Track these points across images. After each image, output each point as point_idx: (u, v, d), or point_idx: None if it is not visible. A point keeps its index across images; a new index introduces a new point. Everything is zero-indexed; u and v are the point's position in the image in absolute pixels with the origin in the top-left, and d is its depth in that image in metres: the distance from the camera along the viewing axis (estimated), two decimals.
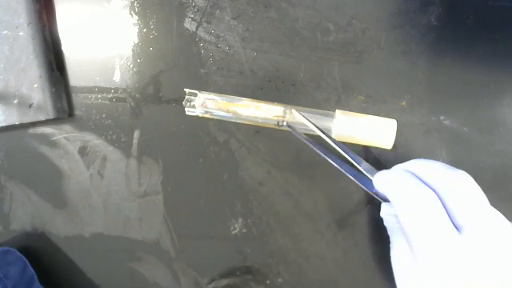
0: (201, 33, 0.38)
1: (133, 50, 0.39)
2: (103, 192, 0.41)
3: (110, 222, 0.42)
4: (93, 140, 0.41)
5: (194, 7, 0.38)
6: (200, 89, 0.37)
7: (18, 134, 0.41)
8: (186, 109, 0.37)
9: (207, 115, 0.37)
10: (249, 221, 0.39)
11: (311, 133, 0.35)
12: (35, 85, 0.38)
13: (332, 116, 0.35)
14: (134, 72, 0.40)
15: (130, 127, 0.40)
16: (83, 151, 0.41)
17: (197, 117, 0.38)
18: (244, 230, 0.40)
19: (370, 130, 0.34)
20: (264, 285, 0.40)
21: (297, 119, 0.35)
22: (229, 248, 0.40)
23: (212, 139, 0.39)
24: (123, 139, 0.40)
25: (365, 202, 0.37)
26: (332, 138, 0.33)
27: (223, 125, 0.39)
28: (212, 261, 0.41)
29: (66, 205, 0.42)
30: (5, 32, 0.38)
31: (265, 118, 0.36)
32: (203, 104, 0.36)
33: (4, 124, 0.39)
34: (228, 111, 0.36)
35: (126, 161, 0.40)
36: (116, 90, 0.40)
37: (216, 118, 0.38)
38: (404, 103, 0.36)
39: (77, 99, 0.41)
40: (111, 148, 0.41)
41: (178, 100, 0.38)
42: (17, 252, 0.40)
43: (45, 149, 0.41)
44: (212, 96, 0.36)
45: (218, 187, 0.39)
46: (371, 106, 0.36)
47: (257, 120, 0.36)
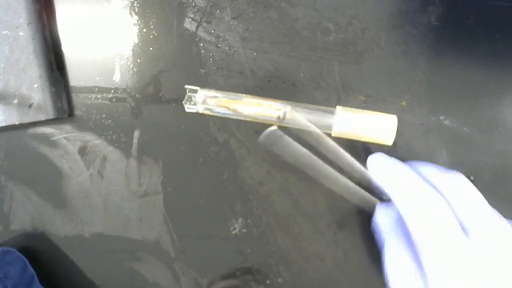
0: (201, 33, 0.38)
1: (133, 50, 0.39)
2: (103, 192, 0.41)
3: (110, 222, 0.42)
4: (93, 140, 0.41)
5: (194, 7, 0.38)
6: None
7: (18, 134, 0.41)
8: (186, 106, 0.37)
9: (207, 112, 0.37)
10: (249, 221, 0.39)
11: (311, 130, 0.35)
12: (35, 85, 0.38)
13: (332, 112, 0.35)
14: (134, 72, 0.39)
15: (130, 127, 0.40)
16: (83, 151, 0.41)
17: (197, 114, 0.38)
18: (244, 230, 0.40)
19: (371, 126, 0.34)
20: (264, 285, 0.40)
21: (296, 117, 0.35)
22: (229, 248, 0.40)
23: (212, 139, 0.39)
24: (123, 139, 0.40)
25: None
26: (325, 134, 0.33)
27: (223, 125, 0.39)
28: (212, 261, 0.41)
29: (66, 205, 0.42)
30: (5, 32, 0.38)
31: (265, 115, 0.36)
32: (204, 101, 0.36)
33: (4, 124, 0.39)
34: (228, 108, 0.36)
35: (126, 161, 0.40)
36: (116, 90, 0.40)
37: (216, 116, 0.38)
38: (404, 103, 0.36)
39: (77, 99, 0.41)
40: (111, 148, 0.41)
41: (178, 100, 0.38)
42: (17, 252, 0.40)
43: (45, 149, 0.41)
44: (212, 92, 0.36)
45: (218, 187, 0.39)
46: (371, 106, 0.36)
47: (257, 117, 0.36)
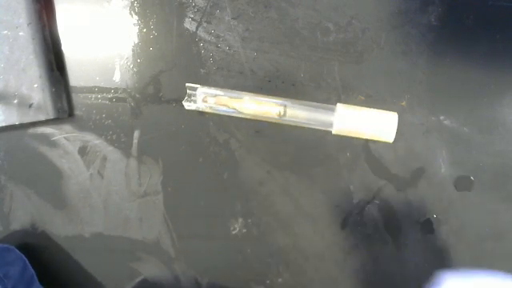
0: (201, 33, 0.38)
1: (133, 50, 0.39)
2: (103, 192, 0.41)
3: (110, 222, 0.42)
4: (93, 140, 0.41)
5: (194, 7, 0.38)
6: None
7: (18, 134, 0.41)
8: (185, 103, 0.37)
9: (207, 109, 0.37)
10: (249, 221, 0.39)
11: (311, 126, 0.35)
12: (35, 85, 0.38)
13: (333, 110, 0.35)
14: (134, 72, 0.39)
15: (130, 127, 0.40)
16: (83, 151, 0.41)
17: (197, 114, 0.38)
18: (244, 230, 0.40)
19: (372, 124, 0.34)
20: (264, 285, 0.40)
21: (296, 114, 0.35)
22: (229, 248, 0.40)
23: (212, 139, 0.39)
24: (123, 139, 0.40)
25: (365, 202, 0.37)
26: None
27: (223, 125, 0.39)
28: (212, 261, 0.41)
29: (66, 205, 0.42)
30: (5, 32, 0.38)
31: (265, 112, 0.35)
32: (204, 99, 0.36)
33: (4, 124, 0.39)
34: (228, 106, 0.36)
35: (126, 161, 0.40)
36: (116, 90, 0.40)
37: (216, 116, 0.38)
38: (404, 103, 0.36)
39: (77, 99, 0.41)
40: (111, 148, 0.41)
41: (178, 100, 0.38)
42: (17, 251, 0.40)
43: (45, 149, 0.41)
44: (212, 90, 0.36)
45: (218, 187, 0.39)
46: (371, 106, 0.36)
47: (257, 114, 0.36)
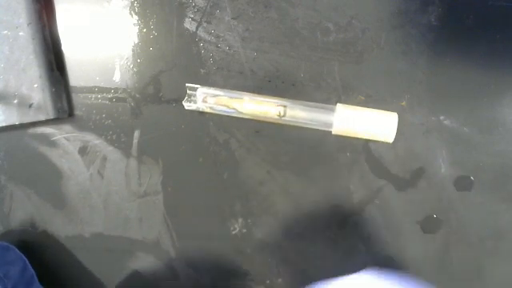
0: (201, 33, 0.38)
1: (133, 50, 0.39)
2: (103, 192, 0.41)
3: (110, 222, 0.42)
4: (93, 140, 0.41)
5: (194, 7, 0.38)
6: None
7: (18, 134, 0.41)
8: (185, 103, 0.37)
9: (207, 109, 0.37)
10: (249, 221, 0.39)
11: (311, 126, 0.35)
12: (35, 85, 0.38)
13: (333, 110, 0.35)
14: (134, 72, 0.39)
15: (130, 127, 0.40)
16: (83, 151, 0.41)
17: (197, 114, 0.38)
18: (244, 230, 0.40)
19: (371, 124, 0.34)
20: (264, 285, 0.40)
21: (296, 114, 0.35)
22: (229, 248, 0.40)
23: (212, 139, 0.39)
24: (123, 139, 0.40)
25: (365, 202, 0.37)
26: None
27: (223, 125, 0.39)
28: (212, 261, 0.41)
29: (66, 205, 0.42)
30: (5, 32, 0.38)
31: (265, 113, 0.35)
32: (204, 99, 0.36)
33: (4, 124, 0.39)
34: (228, 106, 0.36)
35: (126, 161, 0.40)
36: (116, 90, 0.40)
37: (216, 116, 0.38)
38: (404, 103, 0.36)
39: (77, 99, 0.41)
40: (111, 148, 0.41)
41: (178, 100, 0.38)
42: (17, 251, 0.40)
43: (45, 149, 0.41)
44: (212, 90, 0.36)
45: (218, 187, 0.39)
46: (371, 106, 0.36)
47: (257, 114, 0.36)
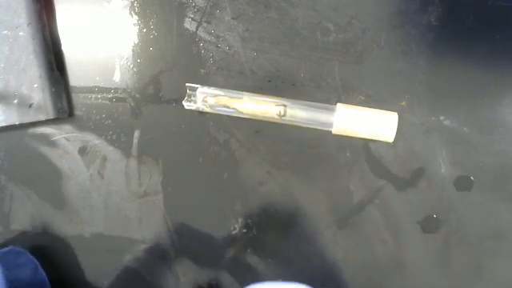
0: (201, 33, 0.38)
1: (133, 50, 0.39)
2: (103, 192, 0.41)
3: (110, 222, 0.42)
4: (93, 140, 0.41)
5: (194, 7, 0.38)
6: None
7: (18, 134, 0.41)
8: (185, 103, 0.37)
9: (207, 109, 0.37)
10: (249, 221, 0.39)
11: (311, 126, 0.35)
12: (35, 85, 0.38)
13: (333, 110, 0.35)
14: (134, 72, 0.39)
15: (130, 127, 0.40)
16: (83, 151, 0.41)
17: (197, 114, 0.38)
18: (244, 230, 0.40)
19: (372, 124, 0.34)
20: None
21: (296, 114, 0.35)
22: (229, 248, 0.40)
23: (212, 139, 0.39)
24: (123, 139, 0.40)
25: (365, 202, 0.37)
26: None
27: (223, 125, 0.39)
28: (212, 261, 0.41)
29: (66, 205, 0.42)
30: (5, 32, 0.38)
31: (265, 112, 0.35)
32: (204, 99, 0.36)
33: (4, 124, 0.39)
34: (228, 106, 0.36)
35: (126, 161, 0.40)
36: (116, 90, 0.40)
37: (216, 116, 0.38)
38: (404, 103, 0.36)
39: (77, 99, 0.41)
40: (111, 148, 0.41)
41: (178, 100, 0.38)
42: (28, 254, 0.40)
43: (45, 149, 0.41)
44: (212, 90, 0.36)
45: (218, 187, 0.39)
46: (371, 106, 0.36)
47: (257, 114, 0.36)
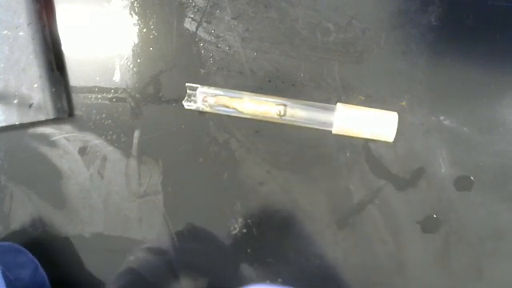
0: (201, 33, 0.38)
1: (133, 50, 0.39)
2: (103, 192, 0.41)
3: (110, 222, 0.42)
4: (93, 140, 0.41)
5: (194, 7, 0.38)
6: None
7: (18, 134, 0.41)
8: (185, 103, 0.37)
9: (207, 109, 0.37)
10: (249, 221, 0.39)
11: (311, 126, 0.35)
12: (35, 85, 0.38)
13: (333, 109, 0.35)
14: (134, 72, 0.39)
15: (130, 127, 0.40)
16: (83, 151, 0.41)
17: (197, 114, 0.38)
18: (244, 230, 0.40)
19: (372, 123, 0.34)
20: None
21: (296, 113, 0.35)
22: (229, 248, 0.40)
23: (212, 139, 0.39)
24: (123, 139, 0.40)
25: (365, 202, 0.37)
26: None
27: (223, 125, 0.39)
28: (212, 261, 0.41)
29: (66, 205, 0.42)
30: (5, 32, 0.38)
31: (265, 112, 0.35)
32: (204, 99, 0.36)
33: (4, 124, 0.39)
34: (228, 106, 0.36)
35: (126, 161, 0.40)
36: (116, 90, 0.40)
37: (216, 116, 0.38)
38: (404, 103, 0.36)
39: (77, 99, 0.41)
40: (111, 148, 0.41)
41: (178, 100, 0.38)
42: (29, 254, 0.40)
43: (45, 149, 0.41)
44: (212, 90, 0.36)
45: (218, 187, 0.39)
46: (371, 106, 0.36)
47: (257, 114, 0.36)
